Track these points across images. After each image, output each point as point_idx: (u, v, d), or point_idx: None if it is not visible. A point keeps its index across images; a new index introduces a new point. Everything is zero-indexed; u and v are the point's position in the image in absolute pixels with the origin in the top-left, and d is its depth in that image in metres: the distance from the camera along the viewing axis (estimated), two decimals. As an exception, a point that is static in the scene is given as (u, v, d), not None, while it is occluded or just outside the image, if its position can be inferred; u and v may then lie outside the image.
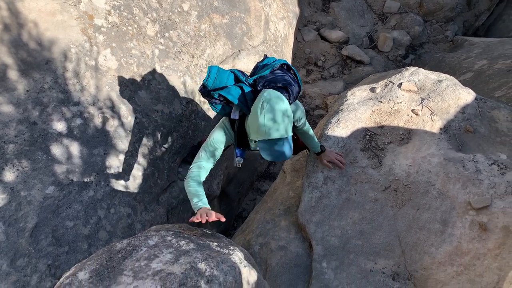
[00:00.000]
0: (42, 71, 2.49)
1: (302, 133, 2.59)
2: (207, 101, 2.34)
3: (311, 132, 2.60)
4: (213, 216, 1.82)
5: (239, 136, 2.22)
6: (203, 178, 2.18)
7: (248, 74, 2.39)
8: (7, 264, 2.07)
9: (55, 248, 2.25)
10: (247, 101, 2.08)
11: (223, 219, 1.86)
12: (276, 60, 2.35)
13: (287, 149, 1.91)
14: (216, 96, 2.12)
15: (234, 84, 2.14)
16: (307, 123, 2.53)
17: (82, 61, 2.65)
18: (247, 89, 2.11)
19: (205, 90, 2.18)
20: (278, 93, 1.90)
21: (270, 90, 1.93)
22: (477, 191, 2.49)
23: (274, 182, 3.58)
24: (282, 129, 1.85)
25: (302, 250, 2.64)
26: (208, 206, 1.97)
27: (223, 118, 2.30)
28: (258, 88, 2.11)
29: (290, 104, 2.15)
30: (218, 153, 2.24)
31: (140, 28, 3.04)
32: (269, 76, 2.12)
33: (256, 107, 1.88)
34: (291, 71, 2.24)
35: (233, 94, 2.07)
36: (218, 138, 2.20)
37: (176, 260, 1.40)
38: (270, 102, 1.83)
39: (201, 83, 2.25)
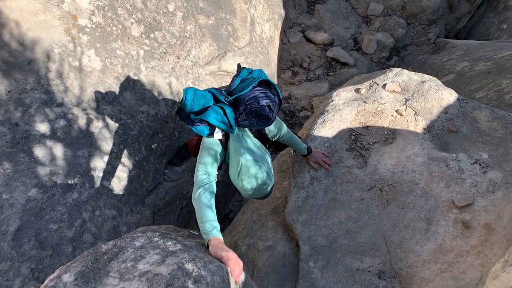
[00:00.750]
0: (24, 71, 2.44)
1: (287, 142, 2.62)
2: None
3: (295, 139, 2.63)
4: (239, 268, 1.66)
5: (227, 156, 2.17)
6: (215, 188, 2.01)
7: (229, 76, 2.38)
8: (-11, 269, 2.02)
9: (39, 251, 2.21)
10: (230, 122, 2.03)
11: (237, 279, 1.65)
12: (253, 74, 2.31)
13: (271, 189, 2.07)
14: (197, 121, 2.04)
15: (214, 104, 2.07)
16: (288, 132, 2.54)
17: (66, 62, 2.61)
18: (228, 108, 2.05)
19: (182, 114, 2.09)
20: (249, 159, 1.93)
21: (242, 160, 1.92)
22: (460, 190, 2.54)
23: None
24: (269, 183, 1.97)
25: (289, 250, 2.64)
26: (221, 236, 1.77)
27: (208, 138, 2.15)
28: (240, 108, 2.06)
29: (273, 121, 2.15)
30: (219, 156, 2.11)
31: (125, 28, 3.01)
32: (250, 94, 2.06)
33: (235, 177, 1.96)
34: (271, 87, 2.17)
35: (216, 117, 2.00)
36: (212, 141, 2.10)
37: (163, 261, 1.39)
38: (247, 173, 1.91)
39: (177, 107, 2.19)
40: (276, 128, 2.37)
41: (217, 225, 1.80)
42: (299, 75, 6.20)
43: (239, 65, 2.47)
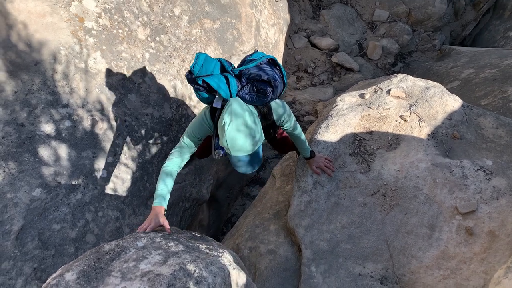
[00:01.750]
0: (31, 72, 2.47)
1: (293, 136, 2.59)
2: (198, 106, 2.34)
3: (302, 136, 2.61)
4: (153, 225, 1.87)
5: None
6: (180, 167, 2.24)
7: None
8: (-8, 267, 2.03)
9: (41, 251, 2.22)
10: (231, 91, 2.07)
11: (168, 231, 1.88)
12: (264, 55, 2.34)
13: (248, 166, 1.98)
14: (200, 82, 2.10)
15: (220, 73, 2.13)
16: (297, 127, 2.53)
17: (72, 63, 2.63)
18: (232, 79, 2.09)
19: (191, 76, 2.16)
20: (239, 111, 1.91)
21: (234, 103, 1.92)
22: (463, 196, 2.53)
23: (264, 186, 3.58)
24: (242, 152, 1.90)
25: (291, 254, 2.64)
26: (164, 206, 2.01)
27: (205, 107, 2.29)
28: (243, 80, 2.11)
29: (272, 99, 2.16)
30: (196, 143, 2.26)
31: (131, 31, 3.04)
32: (255, 69, 2.10)
33: (220, 123, 1.92)
34: (277, 67, 2.22)
35: (217, 82, 2.05)
36: (194, 130, 2.23)
37: (165, 262, 1.39)
38: (231, 124, 1.85)
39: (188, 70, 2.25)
40: (286, 114, 2.33)
41: (166, 195, 2.07)
42: (304, 80, 6.21)
43: (255, 50, 2.49)
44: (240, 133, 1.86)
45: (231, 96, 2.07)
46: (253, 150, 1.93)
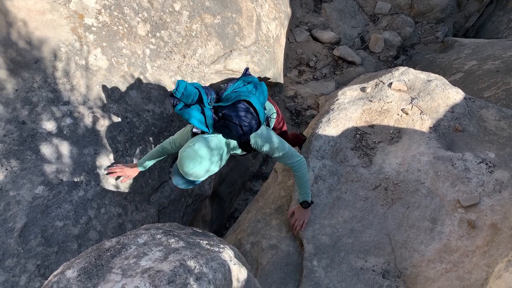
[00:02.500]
0: (32, 70, 2.47)
1: (288, 165, 2.45)
2: None
3: (301, 175, 2.45)
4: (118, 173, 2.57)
5: None
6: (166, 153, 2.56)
7: (234, 75, 2.43)
8: (-4, 264, 2.05)
9: (45, 248, 2.23)
10: (207, 123, 2.15)
11: (124, 180, 2.64)
12: (248, 86, 2.33)
13: (182, 185, 2.15)
14: (181, 115, 2.22)
15: (196, 102, 2.22)
16: (292, 160, 2.39)
17: (72, 61, 2.64)
18: (208, 112, 2.17)
19: (173, 102, 2.27)
20: (198, 149, 2.00)
21: (195, 146, 2.02)
22: (466, 189, 2.52)
23: (266, 181, 3.59)
24: (179, 181, 2.11)
25: (293, 249, 2.64)
26: (139, 169, 2.63)
27: (187, 127, 2.39)
28: (219, 116, 2.17)
29: (244, 138, 2.18)
30: (176, 149, 2.47)
31: (131, 27, 3.03)
32: (228, 109, 2.15)
33: (188, 143, 2.08)
34: (253, 108, 2.20)
35: (192, 115, 2.14)
36: (179, 139, 2.41)
37: (166, 258, 1.40)
38: (192, 157, 1.98)
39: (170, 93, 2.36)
40: (259, 139, 2.28)
41: (144, 162, 2.63)
42: (306, 74, 6.18)
43: (246, 69, 2.50)
44: (188, 165, 1.99)
45: (207, 127, 2.15)
46: (191, 180, 2.12)
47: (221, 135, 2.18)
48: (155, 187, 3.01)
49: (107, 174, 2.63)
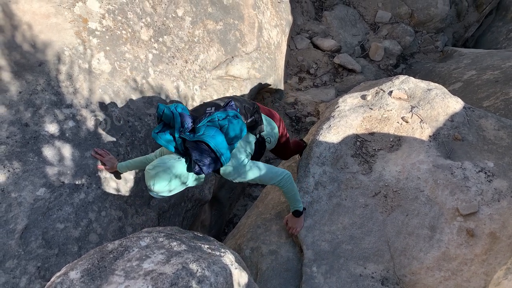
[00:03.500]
0: (35, 73, 2.49)
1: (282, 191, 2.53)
2: (198, 97, 2.47)
3: (287, 190, 2.47)
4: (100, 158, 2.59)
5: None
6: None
7: (236, 81, 2.44)
8: (-4, 266, 2.05)
9: (45, 250, 2.24)
10: (178, 148, 2.24)
11: (99, 167, 2.61)
12: (224, 121, 2.30)
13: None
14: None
15: (168, 131, 2.28)
16: (267, 180, 2.42)
17: (76, 64, 2.65)
18: (178, 140, 2.23)
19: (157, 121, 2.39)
20: (153, 173, 2.04)
21: (161, 162, 2.09)
22: (465, 198, 2.54)
23: (265, 187, 3.60)
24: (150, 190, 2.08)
25: (292, 255, 2.65)
26: (117, 168, 2.62)
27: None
28: (185, 146, 2.21)
29: (205, 171, 2.16)
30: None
31: (134, 32, 3.06)
32: (190, 146, 2.16)
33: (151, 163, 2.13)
34: (212, 151, 2.19)
35: (166, 141, 2.23)
36: (162, 153, 2.48)
37: (168, 261, 1.41)
38: (154, 174, 2.04)
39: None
40: (230, 170, 2.31)
41: (125, 165, 2.63)
42: (306, 81, 6.22)
43: (230, 100, 2.44)
44: (154, 179, 2.04)
45: (176, 149, 2.25)
46: (156, 196, 2.12)
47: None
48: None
49: (91, 154, 2.64)
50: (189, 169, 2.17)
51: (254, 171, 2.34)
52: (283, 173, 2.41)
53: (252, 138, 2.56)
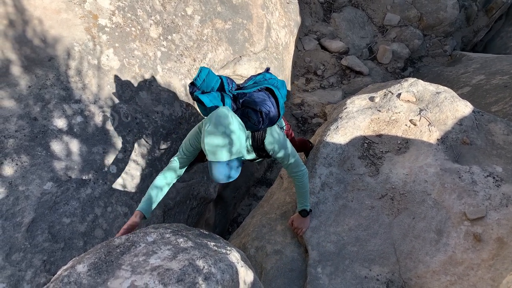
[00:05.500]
0: (45, 68, 2.50)
1: (294, 182, 2.46)
2: None
3: (303, 185, 2.44)
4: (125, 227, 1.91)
5: None
6: (169, 183, 2.21)
7: (243, 80, 2.41)
8: (2, 258, 2.05)
9: (51, 244, 2.24)
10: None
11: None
12: (270, 79, 2.31)
13: (225, 173, 1.86)
14: (195, 99, 2.14)
15: (217, 90, 2.16)
16: (298, 169, 2.38)
17: (85, 60, 2.66)
18: (227, 99, 2.12)
19: (192, 89, 2.19)
20: (225, 113, 1.84)
21: (219, 111, 1.86)
22: (472, 202, 2.52)
23: (271, 187, 3.59)
24: (221, 153, 1.81)
25: (297, 255, 2.64)
26: (142, 214, 2.00)
27: (201, 123, 2.24)
28: (238, 103, 2.12)
29: (262, 128, 2.13)
30: (191, 152, 2.24)
31: (144, 29, 3.06)
32: (251, 96, 2.11)
33: (203, 126, 1.87)
34: (275, 97, 2.19)
35: (211, 100, 2.07)
36: (190, 139, 2.21)
37: (174, 257, 1.41)
38: (210, 125, 1.80)
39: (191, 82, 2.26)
40: (272, 138, 2.24)
41: (145, 206, 2.04)
42: (313, 82, 6.21)
43: (267, 68, 2.47)
44: (218, 135, 1.80)
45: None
46: (228, 158, 1.84)
47: None
48: (161, 188, 3.02)
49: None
50: (249, 126, 2.08)
51: (291, 148, 2.33)
52: (305, 166, 2.42)
53: None
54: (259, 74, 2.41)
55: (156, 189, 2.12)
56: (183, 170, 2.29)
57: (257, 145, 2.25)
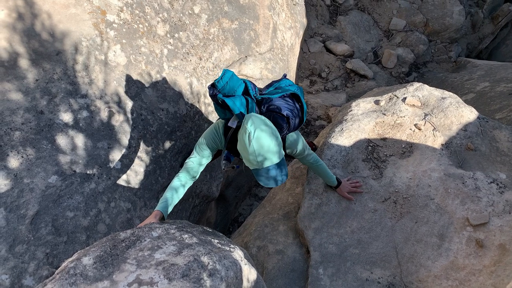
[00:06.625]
0: (53, 62, 2.50)
1: (312, 167, 2.52)
2: (212, 104, 2.31)
3: (321, 164, 2.53)
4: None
5: (230, 143, 2.18)
6: (185, 184, 2.22)
7: (254, 80, 2.39)
8: (6, 250, 2.06)
9: (54, 237, 2.25)
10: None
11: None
12: (290, 85, 2.30)
13: (281, 173, 1.87)
14: (220, 101, 2.08)
15: (242, 94, 2.10)
16: (312, 155, 2.46)
17: (92, 55, 2.67)
18: (252, 104, 2.07)
19: (213, 92, 2.13)
20: (261, 117, 1.83)
21: (253, 115, 1.83)
22: (475, 208, 2.52)
23: (273, 188, 3.59)
24: (272, 156, 1.81)
25: (299, 256, 2.64)
26: (162, 214, 1.99)
27: (219, 120, 2.26)
28: (263, 108, 2.09)
29: (287, 133, 2.14)
30: (207, 154, 2.24)
31: (151, 27, 3.07)
32: (277, 101, 2.09)
33: (243, 137, 1.81)
34: (299, 103, 2.20)
35: (237, 104, 2.01)
36: (207, 140, 2.21)
37: (179, 252, 1.41)
38: (256, 130, 1.76)
39: (212, 82, 2.20)
40: (292, 139, 2.28)
41: (163, 206, 2.03)
42: (317, 85, 6.21)
43: (284, 75, 2.44)
44: (265, 136, 1.77)
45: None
46: (279, 159, 1.84)
47: None
48: (165, 185, 3.03)
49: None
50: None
51: (302, 138, 2.38)
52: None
53: None
54: (279, 80, 2.35)
55: (171, 191, 2.13)
56: (199, 172, 2.28)
57: None
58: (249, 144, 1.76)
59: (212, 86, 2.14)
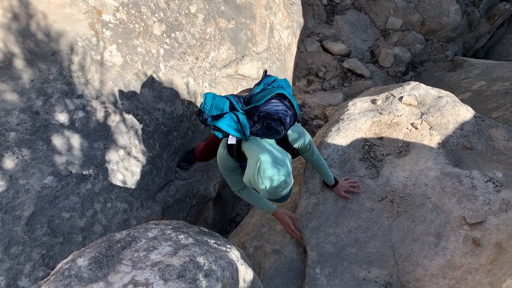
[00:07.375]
0: (48, 62, 2.49)
1: (310, 159, 2.54)
2: None
3: (322, 161, 2.56)
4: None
5: (239, 156, 2.20)
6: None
7: (245, 80, 2.40)
8: (1, 251, 2.05)
9: (50, 238, 2.24)
10: (243, 130, 2.07)
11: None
12: (275, 84, 2.29)
13: (290, 190, 1.97)
14: (211, 128, 2.14)
15: (230, 111, 2.13)
16: (315, 152, 2.48)
17: (88, 55, 2.66)
18: (242, 116, 2.09)
19: (201, 116, 2.17)
20: (268, 160, 1.88)
21: (262, 158, 1.89)
22: (472, 207, 2.52)
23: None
24: (286, 187, 1.89)
25: (296, 255, 2.64)
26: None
27: (221, 145, 2.30)
28: (254, 117, 2.10)
29: (285, 133, 2.14)
30: (234, 166, 2.28)
31: (147, 26, 3.06)
32: (264, 107, 2.09)
33: (254, 174, 1.88)
34: (287, 100, 2.19)
35: (228, 124, 2.06)
36: (223, 167, 2.30)
37: (175, 253, 1.41)
38: (265, 180, 1.84)
39: (198, 109, 2.29)
40: (296, 134, 2.30)
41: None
42: (314, 84, 6.21)
43: (265, 72, 2.44)
44: (276, 179, 1.85)
45: (244, 135, 2.07)
46: (290, 177, 1.92)
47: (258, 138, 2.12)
48: (161, 185, 3.02)
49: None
50: (268, 137, 2.11)
51: (307, 134, 2.40)
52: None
53: None
54: (260, 82, 2.34)
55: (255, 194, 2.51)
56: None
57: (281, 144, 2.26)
58: (262, 183, 1.85)
59: (200, 112, 2.18)
